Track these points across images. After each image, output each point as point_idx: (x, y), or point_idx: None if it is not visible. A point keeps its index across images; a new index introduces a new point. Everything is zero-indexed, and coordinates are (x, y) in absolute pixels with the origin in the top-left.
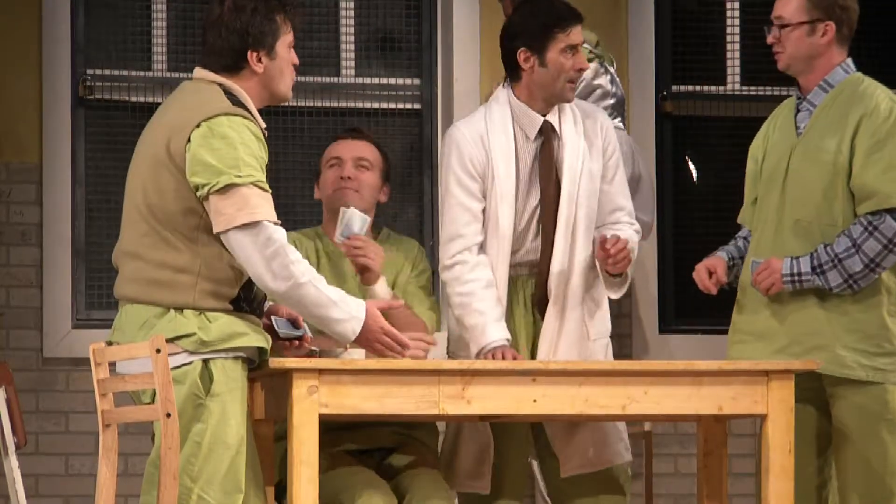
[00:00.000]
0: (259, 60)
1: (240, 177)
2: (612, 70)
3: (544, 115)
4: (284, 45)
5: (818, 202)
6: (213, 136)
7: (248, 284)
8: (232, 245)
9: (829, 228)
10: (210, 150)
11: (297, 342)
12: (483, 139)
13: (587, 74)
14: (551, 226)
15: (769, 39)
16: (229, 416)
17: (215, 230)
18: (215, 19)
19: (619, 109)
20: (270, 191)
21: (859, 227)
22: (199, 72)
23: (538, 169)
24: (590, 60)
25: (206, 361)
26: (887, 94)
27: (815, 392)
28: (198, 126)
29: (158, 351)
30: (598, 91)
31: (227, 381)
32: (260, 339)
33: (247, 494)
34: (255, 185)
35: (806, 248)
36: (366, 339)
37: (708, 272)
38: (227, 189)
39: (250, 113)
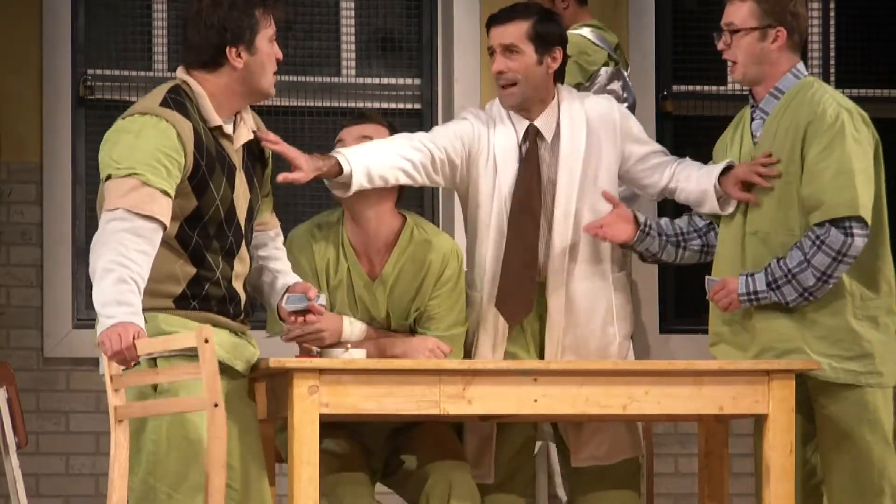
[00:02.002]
0: (238, 56)
1: (118, 169)
2: (625, 75)
3: (531, 119)
4: (265, 39)
5: (774, 212)
6: (115, 132)
7: (198, 281)
8: None
9: (788, 238)
10: (106, 147)
11: (304, 316)
12: (489, 130)
13: (601, 79)
14: (533, 228)
15: (719, 46)
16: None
17: None
18: (194, 15)
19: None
20: (161, 187)
21: (808, 240)
22: (178, 70)
23: (521, 172)
24: (605, 64)
25: (153, 360)
26: (835, 98)
27: (802, 396)
28: (113, 126)
29: (206, 341)
30: (612, 96)
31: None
32: (190, 339)
33: (249, 489)
34: (132, 178)
35: (767, 257)
36: (104, 337)
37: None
38: (106, 181)
39: (200, 111)
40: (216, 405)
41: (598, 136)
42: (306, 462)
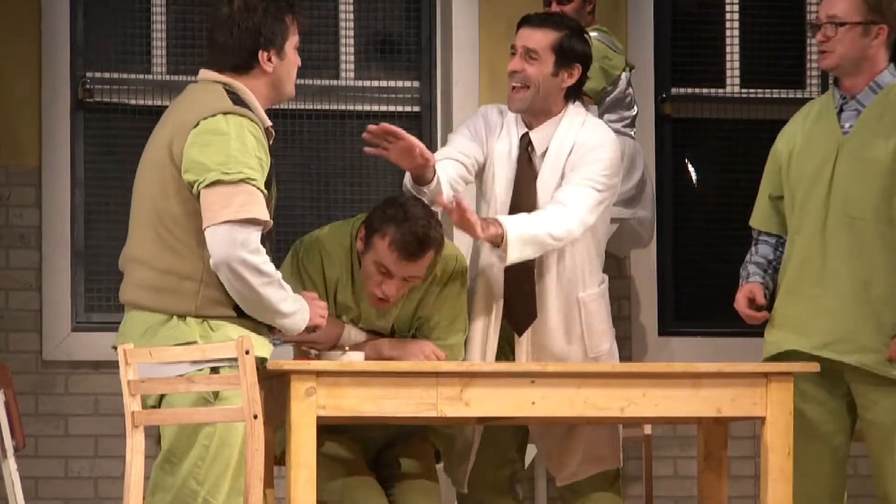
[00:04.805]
0: (269, 60)
1: (227, 174)
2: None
3: (530, 128)
4: (292, 45)
5: (875, 201)
6: (207, 134)
7: None
8: (210, 239)
9: (886, 227)
10: (201, 148)
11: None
12: (494, 134)
13: (622, 83)
14: None
15: (818, 38)
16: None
17: (203, 226)
18: (225, 19)
19: (636, 119)
20: (264, 190)
21: None
22: (203, 73)
23: (518, 181)
24: (624, 70)
25: (216, 368)
26: None
27: (836, 390)
28: (195, 126)
29: (247, 352)
30: (628, 99)
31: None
32: (261, 350)
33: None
34: (245, 183)
35: (855, 246)
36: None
37: (748, 301)
38: (213, 185)
39: (253, 111)
40: (255, 416)
41: (573, 164)
42: (304, 464)
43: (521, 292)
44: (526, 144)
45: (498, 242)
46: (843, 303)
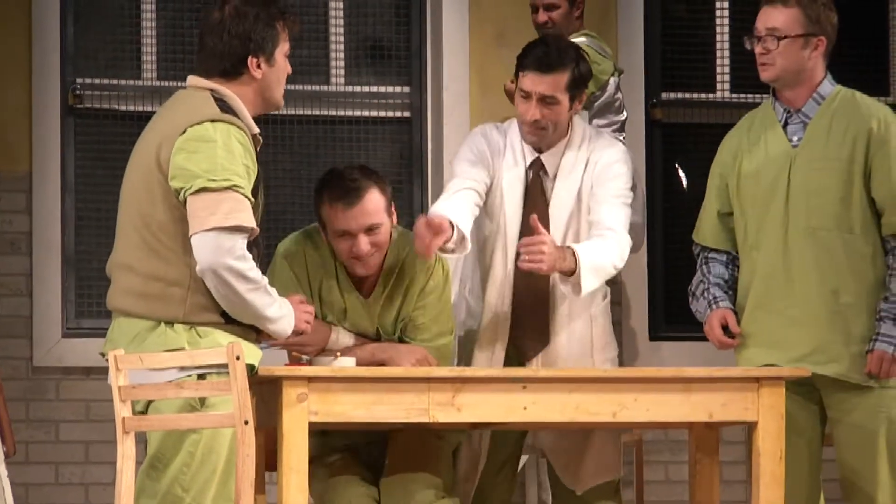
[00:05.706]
0: (258, 66)
1: (214, 181)
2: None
3: (540, 152)
4: (282, 53)
5: (836, 210)
6: (194, 141)
7: None
8: (196, 246)
9: (849, 234)
10: (188, 155)
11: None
12: (500, 156)
13: (611, 88)
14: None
15: (758, 49)
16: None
17: (190, 233)
18: (216, 24)
19: (625, 124)
20: (251, 198)
21: (891, 257)
22: (192, 79)
23: (528, 206)
24: (612, 74)
25: (202, 375)
26: (884, 105)
27: (811, 396)
28: (183, 132)
29: (238, 358)
30: (617, 103)
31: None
32: (250, 357)
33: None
34: (232, 190)
35: (820, 256)
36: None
37: (721, 327)
38: (200, 192)
39: (241, 119)
40: (246, 422)
41: (593, 181)
42: (295, 470)
43: (532, 319)
44: (538, 169)
45: (570, 272)
46: (814, 313)
